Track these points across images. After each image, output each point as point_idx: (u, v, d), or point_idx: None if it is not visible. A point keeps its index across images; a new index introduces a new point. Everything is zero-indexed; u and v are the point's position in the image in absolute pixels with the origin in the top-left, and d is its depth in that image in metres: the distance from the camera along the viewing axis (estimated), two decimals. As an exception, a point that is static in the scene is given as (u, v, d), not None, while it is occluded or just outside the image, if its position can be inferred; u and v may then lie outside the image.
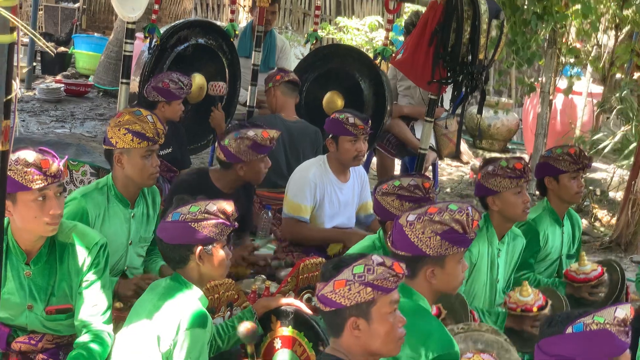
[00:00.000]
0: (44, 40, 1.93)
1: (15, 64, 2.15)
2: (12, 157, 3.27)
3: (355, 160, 5.41)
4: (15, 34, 2.08)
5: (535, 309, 4.25)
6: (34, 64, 12.60)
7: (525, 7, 7.15)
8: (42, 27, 14.90)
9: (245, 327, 3.64)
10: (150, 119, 4.20)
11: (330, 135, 5.40)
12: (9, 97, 2.06)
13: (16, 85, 2.13)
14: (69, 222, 3.65)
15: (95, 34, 14.75)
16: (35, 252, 3.50)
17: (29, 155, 3.30)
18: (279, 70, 6.60)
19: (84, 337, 3.51)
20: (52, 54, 11.26)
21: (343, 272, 2.80)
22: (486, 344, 3.66)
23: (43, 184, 3.31)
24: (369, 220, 5.78)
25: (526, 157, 10.77)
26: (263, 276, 4.74)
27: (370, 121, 5.44)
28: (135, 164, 4.18)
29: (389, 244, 3.44)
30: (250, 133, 4.83)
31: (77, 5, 15.78)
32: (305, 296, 4.46)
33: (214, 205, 3.40)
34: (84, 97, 11.69)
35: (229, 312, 4.04)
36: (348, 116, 5.36)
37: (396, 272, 2.82)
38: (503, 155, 8.26)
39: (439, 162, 8.71)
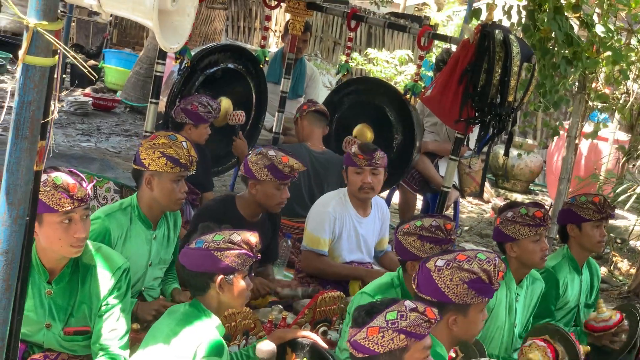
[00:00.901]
0: (87, 67, 1.94)
1: (54, 85, 2.16)
2: (42, 177, 3.29)
3: (361, 192, 5.38)
4: (57, 57, 2.09)
5: None
6: (64, 75, 12.70)
7: (556, 50, 7.13)
8: (73, 38, 15.03)
9: (265, 349, 3.65)
10: (185, 146, 4.23)
11: (344, 167, 5.42)
12: (47, 119, 2.07)
13: (54, 106, 2.15)
14: (93, 244, 3.66)
15: (126, 50, 14.87)
16: (58, 272, 3.51)
17: (58, 177, 3.31)
18: (308, 101, 6.64)
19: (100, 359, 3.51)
20: (94, 79, 11.33)
21: (376, 319, 2.81)
22: None
23: (70, 207, 3.32)
24: (380, 255, 5.78)
25: (548, 199, 10.74)
26: (280, 306, 4.74)
27: (378, 153, 5.37)
28: (165, 187, 4.21)
29: (414, 287, 3.44)
30: (271, 153, 4.83)
31: (109, 19, 15.93)
32: (322, 329, 4.46)
33: (238, 236, 3.40)
34: (110, 112, 11.76)
35: (244, 341, 4.03)
36: (353, 147, 5.39)
37: (429, 317, 2.82)
38: (523, 199, 8.22)
39: (460, 200, 8.68)
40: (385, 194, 7.94)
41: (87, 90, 12.51)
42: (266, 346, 3.68)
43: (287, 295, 5.08)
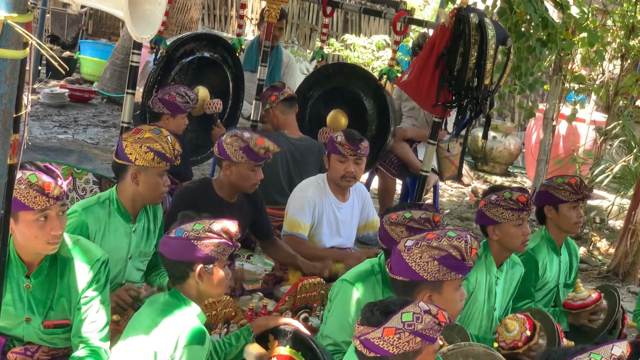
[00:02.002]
0: (58, 59, 1.93)
1: (27, 78, 2.15)
2: (17, 174, 3.27)
3: (343, 180, 5.40)
4: (27, 49, 2.08)
5: (520, 344, 4.23)
6: (40, 67, 12.62)
7: (531, 33, 7.16)
8: (48, 29, 14.92)
9: (257, 350, 3.68)
10: (169, 140, 4.23)
11: (327, 152, 5.42)
12: (20, 113, 2.06)
13: (27, 100, 2.13)
14: (71, 237, 3.64)
15: (102, 40, 14.78)
16: (36, 266, 3.50)
17: (33, 175, 3.29)
18: (272, 89, 6.54)
19: (80, 352, 3.50)
20: (64, 73, 11.26)
21: (392, 319, 2.80)
22: (477, 357, 3.66)
23: (45, 206, 3.30)
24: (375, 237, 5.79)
25: (527, 181, 10.80)
26: (260, 294, 4.75)
27: (363, 144, 5.39)
28: (151, 182, 4.19)
29: (387, 270, 3.46)
30: (246, 135, 4.84)
31: (84, 10, 15.82)
32: (302, 316, 4.47)
33: (218, 225, 3.39)
34: (87, 104, 11.69)
35: (225, 329, 4.04)
36: (339, 135, 5.39)
37: (440, 320, 2.84)
38: (503, 182, 8.27)
39: (440, 184, 8.71)
40: (364, 178, 7.95)
41: (63, 81, 12.43)
42: (256, 349, 3.70)
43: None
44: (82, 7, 15.75)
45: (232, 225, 3.43)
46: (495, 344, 4.26)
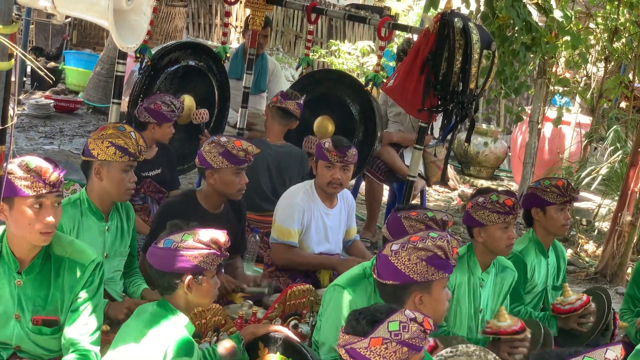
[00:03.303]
0: (44, 69, 1.93)
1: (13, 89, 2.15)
2: (15, 160, 3.29)
3: (328, 186, 5.39)
4: (12, 60, 2.08)
5: (509, 332, 4.26)
6: (25, 79, 12.58)
7: (515, 37, 7.19)
8: (32, 40, 14.88)
9: (224, 346, 3.68)
10: (133, 136, 4.28)
11: (315, 158, 5.43)
12: (6, 125, 2.05)
13: (12, 112, 2.13)
14: (66, 237, 3.65)
15: (86, 50, 14.74)
16: (28, 262, 3.49)
17: (31, 160, 3.31)
18: (281, 93, 6.45)
19: (70, 356, 3.48)
20: (51, 82, 11.23)
21: (379, 329, 2.79)
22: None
23: (41, 192, 3.31)
24: (347, 244, 5.80)
25: (514, 185, 10.83)
26: (250, 302, 4.74)
27: (351, 151, 5.38)
28: (114, 177, 4.24)
29: (375, 276, 3.47)
30: (223, 139, 4.84)
31: (68, 20, 15.78)
32: (292, 323, 4.46)
33: (206, 235, 3.38)
34: (73, 114, 11.66)
35: (215, 337, 4.03)
36: (326, 141, 5.38)
37: (425, 328, 2.83)
38: (494, 186, 8.29)
39: (427, 189, 8.73)
40: (352, 183, 7.96)
41: (48, 92, 12.40)
42: (224, 346, 3.70)
43: (254, 292, 5.06)
44: (67, 17, 15.73)
45: (221, 235, 3.43)
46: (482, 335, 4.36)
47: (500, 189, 5.70)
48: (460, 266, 4.43)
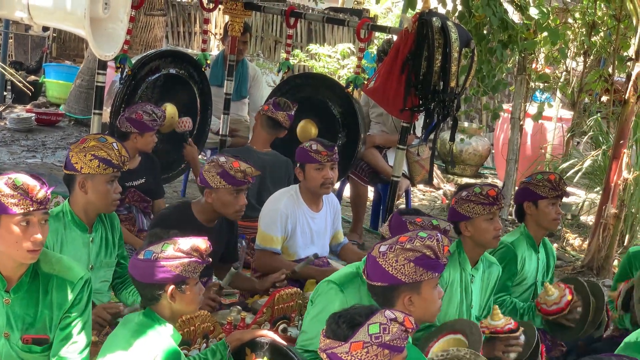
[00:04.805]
0: (23, 80, 1.92)
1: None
2: (2, 178, 3.29)
3: (322, 187, 5.40)
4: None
5: (504, 330, 4.27)
6: (5, 93, 12.52)
7: (492, 35, 7.22)
8: (11, 54, 14.83)
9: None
10: (115, 147, 4.26)
11: (298, 164, 5.42)
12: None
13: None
14: (54, 254, 3.64)
15: (66, 62, 14.70)
16: (15, 280, 3.46)
17: (17, 178, 3.30)
18: (273, 103, 6.35)
19: (59, 374, 3.47)
20: (29, 94, 11.21)
21: (359, 333, 2.78)
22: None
23: (28, 209, 3.30)
24: (338, 248, 5.80)
25: (498, 182, 10.86)
26: (239, 307, 4.72)
27: (335, 148, 5.42)
28: (99, 190, 4.23)
29: (364, 277, 3.47)
30: (222, 159, 4.82)
31: (47, 33, 15.73)
32: (281, 327, 4.46)
33: (186, 243, 3.37)
34: (55, 127, 11.61)
35: (205, 344, 4.02)
36: (312, 144, 5.38)
37: (406, 327, 2.83)
38: (477, 182, 8.32)
39: (412, 189, 8.74)
40: (336, 186, 7.96)
41: (29, 106, 12.34)
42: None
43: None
44: (45, 29, 15.68)
45: (201, 242, 3.41)
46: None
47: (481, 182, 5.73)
48: (451, 263, 4.45)
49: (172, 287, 3.33)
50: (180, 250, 3.34)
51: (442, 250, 3.43)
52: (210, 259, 3.47)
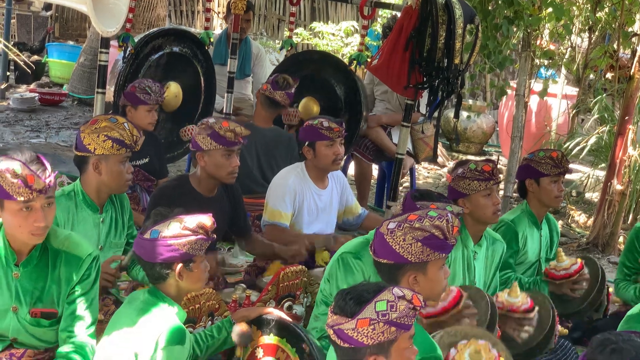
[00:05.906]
0: (26, 60, 1.90)
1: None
2: (4, 163, 3.28)
3: (334, 164, 5.42)
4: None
5: (520, 310, 4.25)
6: (8, 73, 12.51)
7: (497, 11, 7.17)
8: (14, 35, 14.79)
9: (240, 328, 3.70)
10: (127, 127, 4.24)
11: (307, 143, 5.39)
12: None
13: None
14: (63, 231, 3.65)
15: (69, 42, 14.66)
16: (25, 254, 3.48)
17: (18, 166, 3.28)
18: (272, 82, 6.36)
19: (66, 347, 3.49)
20: (29, 72, 11.18)
21: (366, 309, 2.76)
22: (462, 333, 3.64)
23: (28, 197, 3.29)
24: (359, 221, 5.80)
25: (503, 159, 10.84)
26: (244, 285, 4.73)
27: (344, 124, 5.44)
28: (113, 170, 4.20)
29: (371, 253, 3.45)
30: (211, 121, 4.82)
31: (49, 13, 15.70)
32: (286, 304, 4.46)
33: (192, 221, 3.37)
34: (58, 106, 11.61)
35: (210, 322, 4.02)
36: (322, 121, 5.37)
37: (414, 305, 2.80)
38: (473, 158, 8.30)
39: (416, 166, 8.73)
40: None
41: (33, 86, 12.33)
42: (240, 327, 3.71)
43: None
44: (48, 9, 15.64)
45: (206, 219, 3.41)
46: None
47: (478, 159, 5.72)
48: None
49: (180, 265, 3.34)
50: (186, 229, 3.33)
51: (451, 231, 3.39)
52: (215, 236, 3.47)
